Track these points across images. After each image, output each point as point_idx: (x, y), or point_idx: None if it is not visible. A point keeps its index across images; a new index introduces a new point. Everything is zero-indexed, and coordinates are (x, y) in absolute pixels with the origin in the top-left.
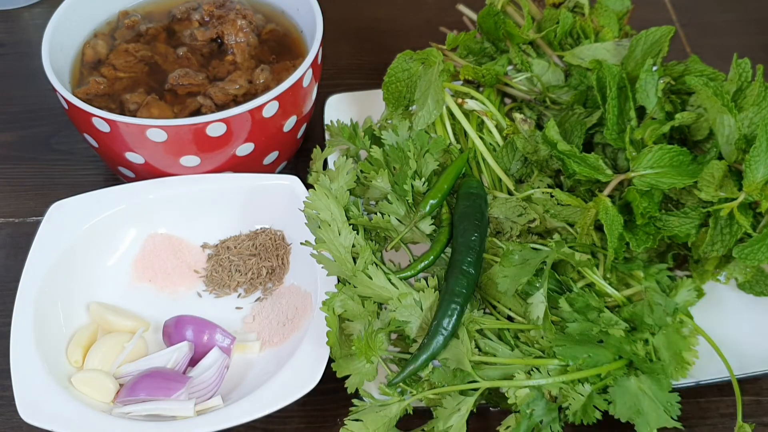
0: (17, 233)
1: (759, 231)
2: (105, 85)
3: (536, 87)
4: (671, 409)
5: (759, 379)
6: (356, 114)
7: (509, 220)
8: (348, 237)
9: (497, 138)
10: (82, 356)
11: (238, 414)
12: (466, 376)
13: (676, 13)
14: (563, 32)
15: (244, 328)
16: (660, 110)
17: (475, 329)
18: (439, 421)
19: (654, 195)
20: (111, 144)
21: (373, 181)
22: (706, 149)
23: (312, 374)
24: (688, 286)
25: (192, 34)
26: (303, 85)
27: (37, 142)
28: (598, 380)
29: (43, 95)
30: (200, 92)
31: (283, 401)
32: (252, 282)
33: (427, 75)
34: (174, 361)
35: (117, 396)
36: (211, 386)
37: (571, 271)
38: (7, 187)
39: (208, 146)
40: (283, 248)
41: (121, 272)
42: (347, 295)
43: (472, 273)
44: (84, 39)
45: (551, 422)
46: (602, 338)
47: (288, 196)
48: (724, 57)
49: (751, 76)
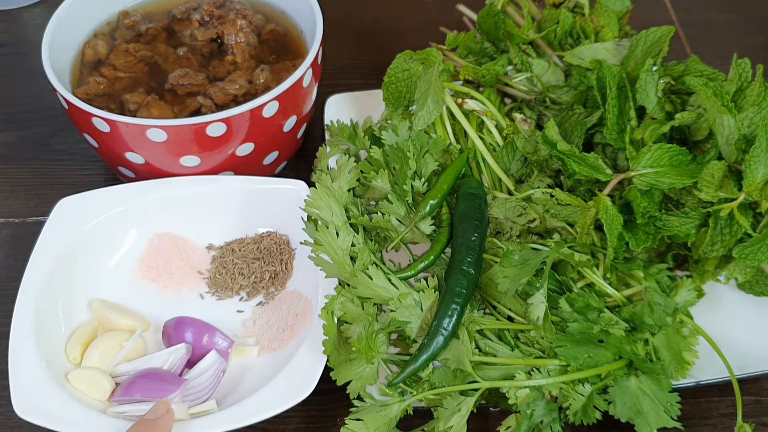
0: (17, 233)
1: (759, 231)
2: (105, 85)
3: (536, 87)
4: (671, 409)
5: (759, 379)
6: (356, 114)
7: (509, 220)
8: (346, 239)
9: (497, 138)
10: (81, 353)
11: (230, 419)
12: (467, 376)
13: (676, 13)
14: (563, 32)
15: (244, 332)
16: (660, 110)
17: (475, 329)
18: (439, 422)
19: (654, 195)
20: (111, 144)
21: (373, 181)
22: (706, 149)
23: (306, 383)
24: (688, 286)
25: (192, 34)
26: (303, 85)
27: (37, 142)
28: (598, 380)
29: (43, 95)
30: (200, 92)
31: (275, 409)
32: (255, 286)
33: (427, 75)
34: (171, 362)
35: (113, 395)
36: (207, 390)
37: (571, 271)
38: (7, 187)
39: (208, 146)
40: (287, 253)
41: (125, 270)
42: (346, 297)
43: (472, 273)
44: (84, 39)
45: (551, 422)
46: (602, 338)
47: (294, 200)
48: (724, 57)
49: (751, 76)
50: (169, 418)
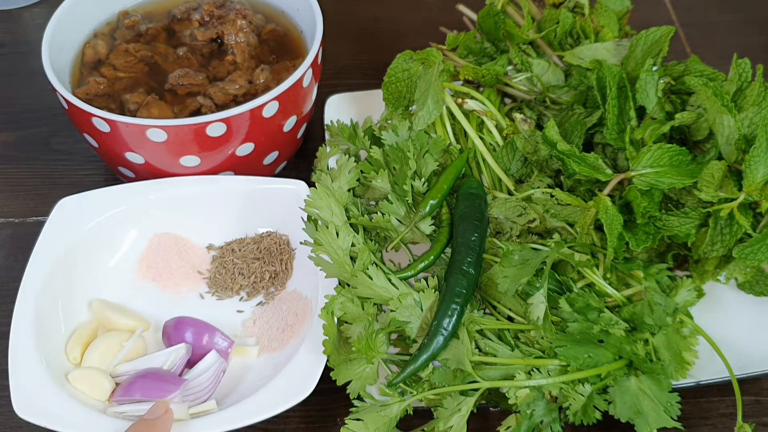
0: (17, 233)
1: (759, 231)
2: (105, 85)
3: (536, 87)
4: (671, 409)
5: (759, 379)
6: (356, 114)
7: (509, 220)
8: (346, 239)
9: (497, 138)
10: (81, 353)
11: (230, 419)
12: (467, 376)
13: (676, 13)
14: (563, 32)
15: (244, 332)
16: (660, 110)
17: (475, 329)
18: (439, 422)
19: (654, 194)
20: (111, 144)
21: (373, 181)
22: (706, 149)
23: (306, 383)
24: (688, 286)
25: (192, 34)
26: (303, 85)
27: (37, 142)
28: (598, 380)
29: (43, 95)
30: (200, 92)
31: (275, 409)
32: (255, 286)
33: (427, 75)
34: (171, 362)
35: (113, 395)
36: (207, 390)
37: (571, 271)
38: (7, 187)
39: (208, 146)
40: (287, 253)
41: (124, 271)
42: (347, 297)
43: (472, 273)
44: (84, 39)
45: (551, 422)
46: (602, 338)
47: (294, 200)
48: (724, 57)
49: (751, 76)
50: (168, 418)
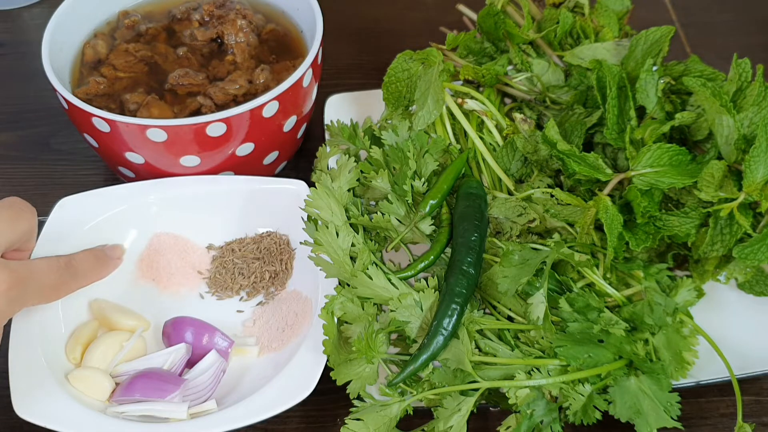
0: None
1: (759, 231)
2: (105, 85)
3: (536, 87)
4: (671, 409)
5: (759, 379)
6: (356, 114)
7: (509, 220)
8: (346, 239)
9: (497, 138)
10: (81, 353)
11: (230, 419)
12: (467, 376)
13: (676, 13)
14: (563, 32)
15: (244, 332)
16: (660, 110)
17: (475, 329)
18: (439, 422)
19: (654, 194)
20: (111, 144)
21: (373, 181)
22: (706, 149)
23: (307, 383)
24: (688, 286)
25: (192, 34)
26: (303, 85)
27: (37, 142)
28: (598, 380)
29: (43, 95)
30: (200, 92)
31: (275, 409)
32: (255, 286)
33: (427, 75)
34: (171, 362)
35: (113, 395)
36: (206, 390)
37: (571, 271)
38: (7, 187)
39: (208, 146)
40: (287, 253)
41: (124, 271)
42: (347, 297)
43: (472, 273)
44: (84, 39)
45: (551, 422)
46: (602, 338)
47: (294, 200)
48: (724, 57)
49: (751, 76)
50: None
